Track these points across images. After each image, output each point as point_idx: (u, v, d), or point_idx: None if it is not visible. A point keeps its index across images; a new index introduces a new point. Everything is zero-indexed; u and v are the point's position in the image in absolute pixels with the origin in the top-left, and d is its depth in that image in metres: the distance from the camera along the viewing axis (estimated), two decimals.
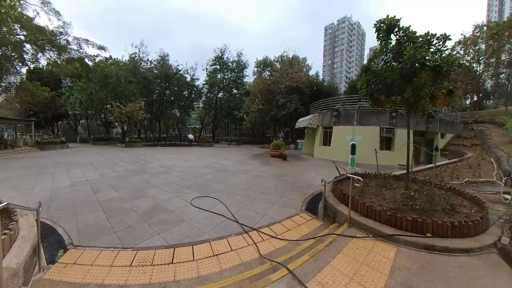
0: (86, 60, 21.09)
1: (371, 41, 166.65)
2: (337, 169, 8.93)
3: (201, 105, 44.85)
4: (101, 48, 19.77)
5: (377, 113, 16.68)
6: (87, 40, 19.21)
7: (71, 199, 6.18)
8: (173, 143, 30.72)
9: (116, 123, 32.64)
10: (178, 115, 42.14)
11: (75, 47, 19.24)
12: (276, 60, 35.12)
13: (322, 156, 17.75)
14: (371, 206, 4.74)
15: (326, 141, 18.31)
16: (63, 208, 5.58)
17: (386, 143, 16.94)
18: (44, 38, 18.42)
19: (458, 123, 24.04)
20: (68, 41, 18.38)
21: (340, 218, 4.99)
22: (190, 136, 32.20)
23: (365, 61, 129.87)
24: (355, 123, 16.78)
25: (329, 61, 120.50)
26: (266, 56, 36.03)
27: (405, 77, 6.04)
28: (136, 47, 33.66)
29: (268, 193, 7.06)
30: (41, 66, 37.91)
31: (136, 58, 33.56)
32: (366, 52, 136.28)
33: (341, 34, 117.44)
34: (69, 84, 35.05)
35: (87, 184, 7.94)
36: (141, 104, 26.26)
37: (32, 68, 37.37)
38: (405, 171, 9.44)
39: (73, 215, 5.15)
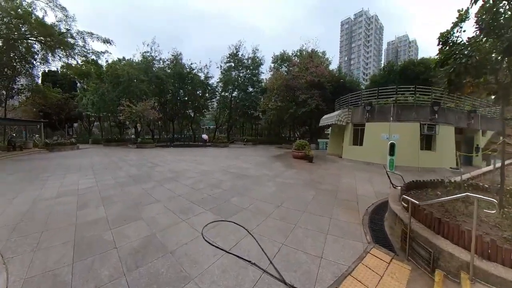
0: (94, 56, 19.85)
1: (389, 35, 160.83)
2: (389, 176, 6.98)
3: (215, 105, 43.37)
4: (106, 41, 18.34)
5: (416, 107, 14.37)
6: (91, 34, 17.90)
7: (45, 219, 4.61)
8: (187, 144, 29.36)
9: (129, 124, 31.62)
10: (192, 115, 40.83)
11: (81, 43, 18.03)
12: (294, 54, 32.89)
13: (352, 157, 15.53)
14: (494, 242, 2.75)
15: (357, 140, 16.07)
16: (28, 233, 3.98)
17: (426, 142, 14.53)
18: (52, 37, 17.31)
19: (498, 119, 21.03)
20: (72, 35, 17.14)
21: (448, 262, 2.98)
22: (204, 136, 30.66)
23: (383, 57, 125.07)
24: (391, 118, 14.45)
25: (346, 58, 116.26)
26: (284, 51, 33.86)
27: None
28: (148, 45, 32.54)
29: (311, 212, 5.07)
30: (55, 69, 38.27)
31: (149, 58, 32.47)
32: (384, 47, 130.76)
33: (358, 29, 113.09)
34: (84, 86, 34.57)
35: (75, 195, 6.30)
36: (152, 103, 24.80)
37: (46, 71, 37.78)
38: (462, 176, 7.10)
39: (34, 248, 3.49)
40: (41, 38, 17.42)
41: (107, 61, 27.66)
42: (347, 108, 16.73)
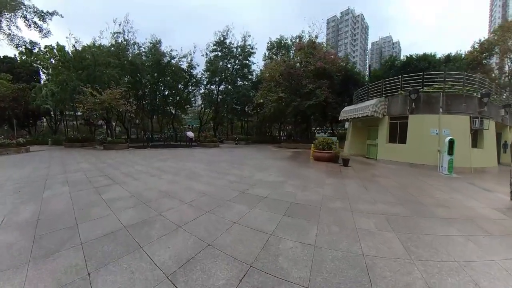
0: (37, 18, 14.33)
1: (374, 35, 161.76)
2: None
3: (199, 102, 38.21)
4: None
5: (466, 97, 11.29)
6: None
7: None
8: (168, 144, 24.30)
9: (93, 119, 25.94)
10: (173, 112, 35.66)
11: None
12: (293, 40, 28.80)
13: (391, 158, 12.00)
14: None
15: (395, 136, 12.40)
16: None
17: (473, 138, 11.36)
18: None
19: None
20: None
21: None
22: (190, 133, 25.32)
23: (368, 57, 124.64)
24: (441, 110, 10.98)
25: (332, 56, 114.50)
26: (281, 36, 29.74)
27: None
28: (119, 24, 26.73)
29: None
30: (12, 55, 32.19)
31: (122, 43, 26.81)
32: (369, 47, 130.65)
33: (344, 27, 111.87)
34: (47, 78, 28.49)
35: None
36: (123, 91, 19.41)
37: (2, 57, 31.42)
38: None
39: None
40: None
41: (73, 45, 22.16)
42: (383, 97, 12.92)
